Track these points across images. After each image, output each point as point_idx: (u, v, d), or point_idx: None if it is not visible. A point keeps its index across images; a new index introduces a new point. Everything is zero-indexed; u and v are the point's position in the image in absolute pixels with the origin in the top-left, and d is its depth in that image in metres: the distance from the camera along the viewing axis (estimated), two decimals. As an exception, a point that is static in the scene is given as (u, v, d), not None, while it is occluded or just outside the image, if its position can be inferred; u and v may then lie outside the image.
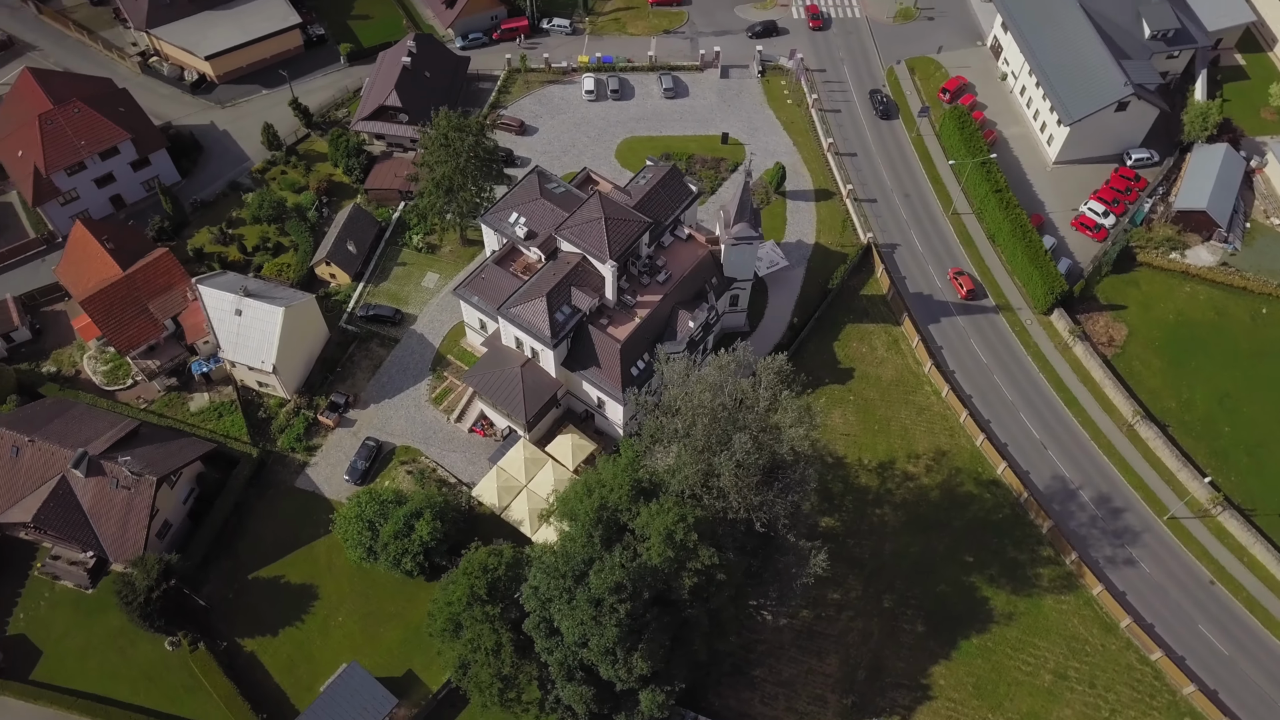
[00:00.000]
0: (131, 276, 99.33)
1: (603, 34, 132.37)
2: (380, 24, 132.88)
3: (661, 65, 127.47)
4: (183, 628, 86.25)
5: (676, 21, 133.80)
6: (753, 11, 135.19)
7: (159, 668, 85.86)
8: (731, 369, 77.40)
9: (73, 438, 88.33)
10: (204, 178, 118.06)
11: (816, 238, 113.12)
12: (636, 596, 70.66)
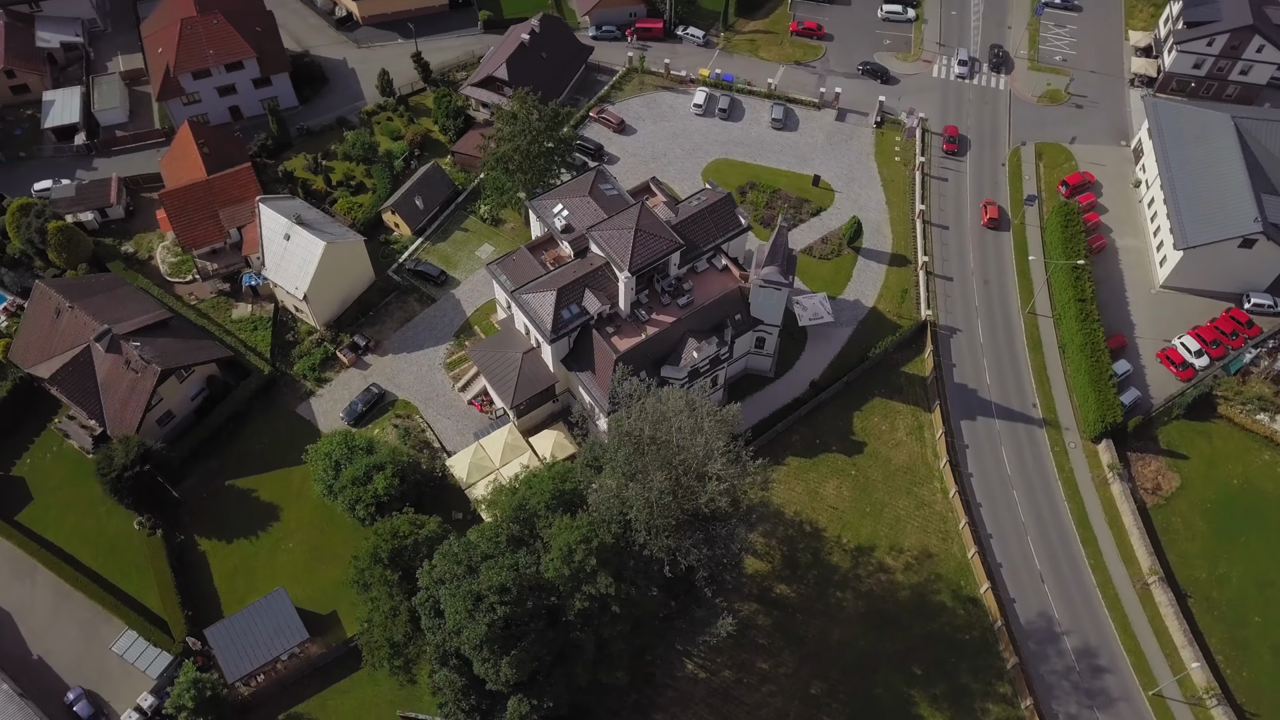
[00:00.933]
0: (211, 182, 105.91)
1: (733, 52, 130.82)
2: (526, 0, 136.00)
3: (779, 95, 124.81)
4: (153, 512, 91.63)
5: (811, 55, 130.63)
6: (893, 60, 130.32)
7: (122, 542, 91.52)
8: (681, 407, 75.13)
9: (108, 314, 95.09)
10: (320, 108, 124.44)
11: (875, 302, 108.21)
12: (519, 603, 69.96)
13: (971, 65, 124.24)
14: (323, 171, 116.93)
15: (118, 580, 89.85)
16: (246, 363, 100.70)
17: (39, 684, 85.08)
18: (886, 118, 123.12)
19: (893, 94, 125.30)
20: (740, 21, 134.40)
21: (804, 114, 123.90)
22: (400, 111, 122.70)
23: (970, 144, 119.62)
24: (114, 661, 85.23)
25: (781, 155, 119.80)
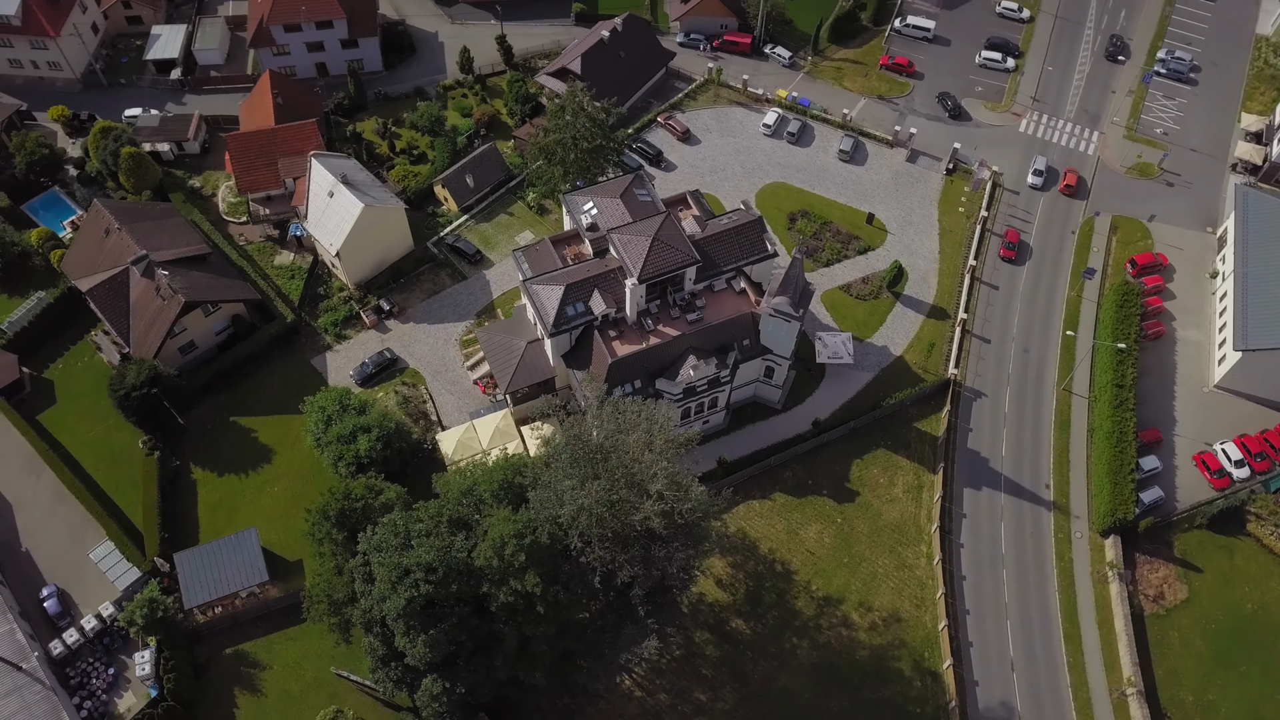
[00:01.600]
0: (275, 131, 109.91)
1: (817, 78, 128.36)
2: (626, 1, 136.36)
3: (853, 127, 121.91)
4: (156, 434, 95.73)
5: (897, 91, 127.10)
6: (982, 109, 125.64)
7: (124, 458, 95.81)
8: (638, 421, 74.09)
9: (151, 241, 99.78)
10: (402, 75, 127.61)
11: (903, 351, 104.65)
12: (444, 584, 70.38)
13: (1048, 175, 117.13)
14: (390, 137, 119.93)
15: (111, 492, 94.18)
16: (274, 308, 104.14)
17: (21, 574, 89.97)
18: (959, 165, 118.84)
19: (970, 139, 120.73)
20: (831, 48, 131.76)
21: (874, 149, 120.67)
22: (475, 90, 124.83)
23: (1031, 252, 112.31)
24: (90, 568, 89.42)
25: (842, 188, 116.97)
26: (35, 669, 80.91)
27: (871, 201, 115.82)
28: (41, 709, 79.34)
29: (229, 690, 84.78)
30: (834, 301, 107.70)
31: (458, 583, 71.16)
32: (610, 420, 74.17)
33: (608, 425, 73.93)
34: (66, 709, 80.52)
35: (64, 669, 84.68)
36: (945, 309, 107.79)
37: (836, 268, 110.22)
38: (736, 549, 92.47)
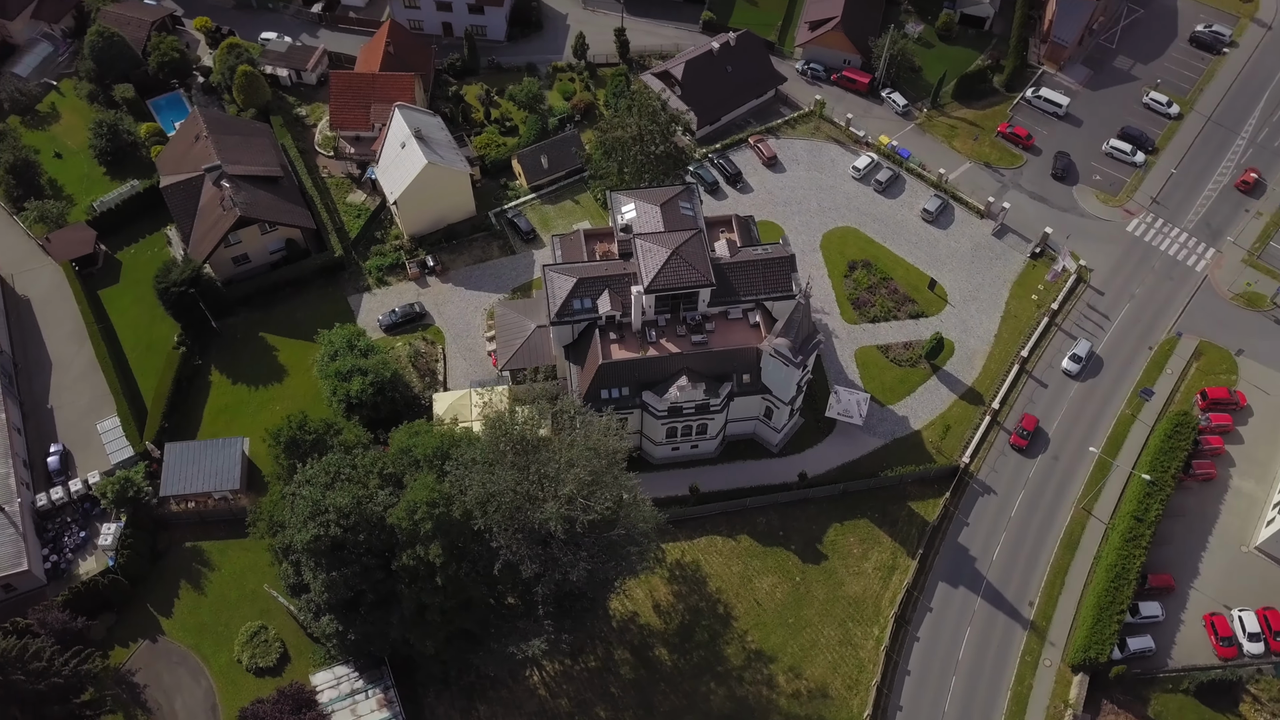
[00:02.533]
0: (375, 77, 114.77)
1: (927, 130, 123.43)
2: (758, 15, 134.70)
3: (947, 188, 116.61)
4: (189, 331, 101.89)
5: (1007, 162, 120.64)
6: (1094, 200, 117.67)
7: (158, 346, 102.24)
8: (575, 425, 73.51)
9: (232, 154, 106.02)
10: (520, 49, 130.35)
11: (922, 427, 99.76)
12: (353, 531, 72.31)
13: (1089, 359, 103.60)
14: (489, 105, 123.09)
15: (137, 375, 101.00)
16: (328, 240, 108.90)
17: (39, 428, 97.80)
18: (1047, 250, 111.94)
19: (1069, 226, 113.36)
20: (952, 105, 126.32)
21: (962, 216, 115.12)
22: (583, 76, 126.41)
23: (1048, 441, 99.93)
24: (95, 438, 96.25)
25: (914, 247, 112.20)
26: (15, 514, 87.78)
27: (942, 268, 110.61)
28: (7, 550, 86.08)
29: (176, 580, 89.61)
30: (868, 360, 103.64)
31: (367, 533, 72.94)
32: (549, 415, 74.07)
33: (539, 421, 73.84)
34: (31, 556, 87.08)
35: (45, 521, 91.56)
36: (982, 395, 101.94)
37: (882, 326, 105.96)
38: (685, 579, 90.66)
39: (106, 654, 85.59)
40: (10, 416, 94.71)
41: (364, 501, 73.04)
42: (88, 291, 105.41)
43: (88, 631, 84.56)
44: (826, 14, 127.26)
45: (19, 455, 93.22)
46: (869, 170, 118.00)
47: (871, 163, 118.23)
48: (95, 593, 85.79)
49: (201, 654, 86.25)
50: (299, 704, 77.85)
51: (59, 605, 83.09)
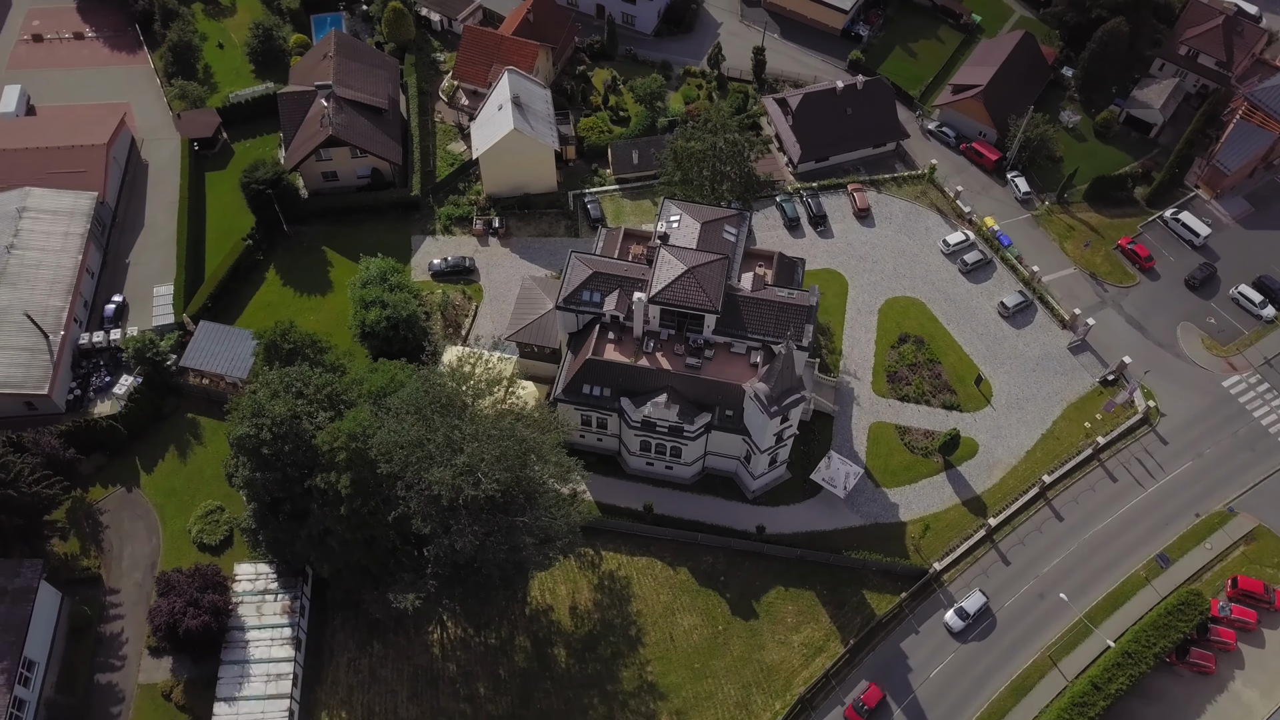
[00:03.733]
0: (504, 39, 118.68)
1: (1040, 224, 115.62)
2: (911, 67, 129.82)
3: (1037, 288, 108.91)
4: (263, 228, 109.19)
5: (1116, 278, 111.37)
6: (1198, 343, 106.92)
7: (234, 234, 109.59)
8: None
9: (347, 78, 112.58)
10: (663, 47, 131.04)
11: (911, 520, 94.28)
12: (279, 440, 76.04)
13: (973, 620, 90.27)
14: (611, 91, 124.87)
15: (209, 254, 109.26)
16: (410, 179, 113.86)
17: (112, 279, 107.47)
18: (1121, 380, 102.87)
19: (1155, 363, 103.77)
20: (1080, 205, 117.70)
21: (1041, 320, 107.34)
22: (710, 85, 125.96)
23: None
24: (150, 299, 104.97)
25: (978, 339, 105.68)
26: (56, 343, 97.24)
27: (998, 367, 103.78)
28: (36, 373, 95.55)
29: (167, 443, 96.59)
30: (881, 436, 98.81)
31: (293, 446, 76.46)
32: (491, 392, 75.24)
33: (478, 390, 74.95)
34: (57, 384, 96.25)
35: (82, 358, 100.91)
36: (987, 507, 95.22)
37: (910, 407, 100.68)
38: (611, 592, 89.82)
39: (87, 489, 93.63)
40: (88, 260, 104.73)
41: (301, 417, 76.62)
42: (195, 169, 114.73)
43: (77, 464, 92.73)
44: (974, 80, 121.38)
45: (82, 295, 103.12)
46: (960, 248, 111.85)
47: (965, 241, 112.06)
48: (95, 432, 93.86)
49: (162, 515, 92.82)
50: (208, 584, 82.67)
51: (57, 433, 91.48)
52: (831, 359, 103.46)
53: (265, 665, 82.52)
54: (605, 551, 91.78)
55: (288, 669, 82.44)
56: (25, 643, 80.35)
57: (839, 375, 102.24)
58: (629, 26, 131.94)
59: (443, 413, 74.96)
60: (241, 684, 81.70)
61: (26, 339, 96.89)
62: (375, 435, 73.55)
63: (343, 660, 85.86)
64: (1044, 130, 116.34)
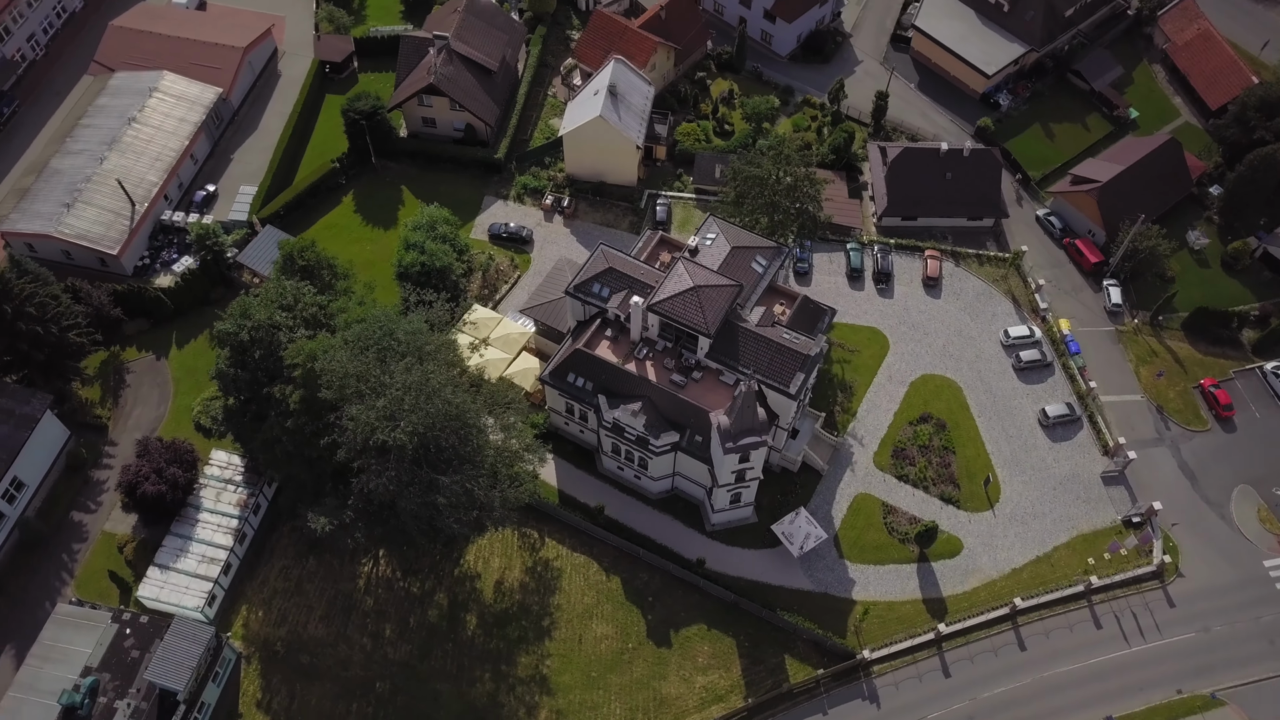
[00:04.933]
0: (627, 29, 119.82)
1: (1120, 340, 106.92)
2: (1041, 149, 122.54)
3: (1089, 405, 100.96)
4: (354, 155, 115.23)
5: (1186, 419, 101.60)
6: (1252, 513, 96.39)
7: (327, 155, 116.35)
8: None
9: (467, 35, 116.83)
10: (792, 71, 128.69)
11: (861, 599, 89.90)
12: (252, 345, 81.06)
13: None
14: (724, 103, 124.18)
15: (302, 168, 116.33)
16: (498, 143, 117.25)
17: (213, 168, 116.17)
18: (1146, 524, 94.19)
19: (1200, 517, 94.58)
20: (1174, 331, 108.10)
21: (1082, 439, 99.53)
22: (824, 119, 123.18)
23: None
24: (235, 194, 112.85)
25: (1006, 440, 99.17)
26: (140, 211, 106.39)
27: (1016, 474, 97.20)
28: (113, 234, 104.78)
29: (202, 328, 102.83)
30: (863, 508, 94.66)
31: (263, 352, 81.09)
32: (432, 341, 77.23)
33: (433, 342, 77.06)
34: (129, 248, 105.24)
35: (161, 232, 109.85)
36: (946, 612, 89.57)
37: (905, 489, 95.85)
38: (540, 579, 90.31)
39: (124, 347, 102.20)
40: (193, 147, 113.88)
41: (280, 328, 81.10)
42: (316, 89, 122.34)
43: (120, 325, 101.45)
44: (1096, 175, 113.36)
45: (179, 177, 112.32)
46: (1020, 343, 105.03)
47: (1029, 337, 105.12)
48: (143, 300, 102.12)
49: (177, 389, 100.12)
50: (177, 459, 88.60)
51: (109, 292, 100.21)
52: (843, 418, 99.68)
53: (204, 546, 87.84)
54: (549, 539, 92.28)
55: (222, 555, 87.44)
56: (15, 463, 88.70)
57: (843, 436, 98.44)
58: (765, 45, 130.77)
59: (393, 356, 77.34)
60: (178, 557, 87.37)
61: (115, 203, 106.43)
62: (319, 360, 76.73)
63: (277, 565, 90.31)
64: (1156, 244, 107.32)
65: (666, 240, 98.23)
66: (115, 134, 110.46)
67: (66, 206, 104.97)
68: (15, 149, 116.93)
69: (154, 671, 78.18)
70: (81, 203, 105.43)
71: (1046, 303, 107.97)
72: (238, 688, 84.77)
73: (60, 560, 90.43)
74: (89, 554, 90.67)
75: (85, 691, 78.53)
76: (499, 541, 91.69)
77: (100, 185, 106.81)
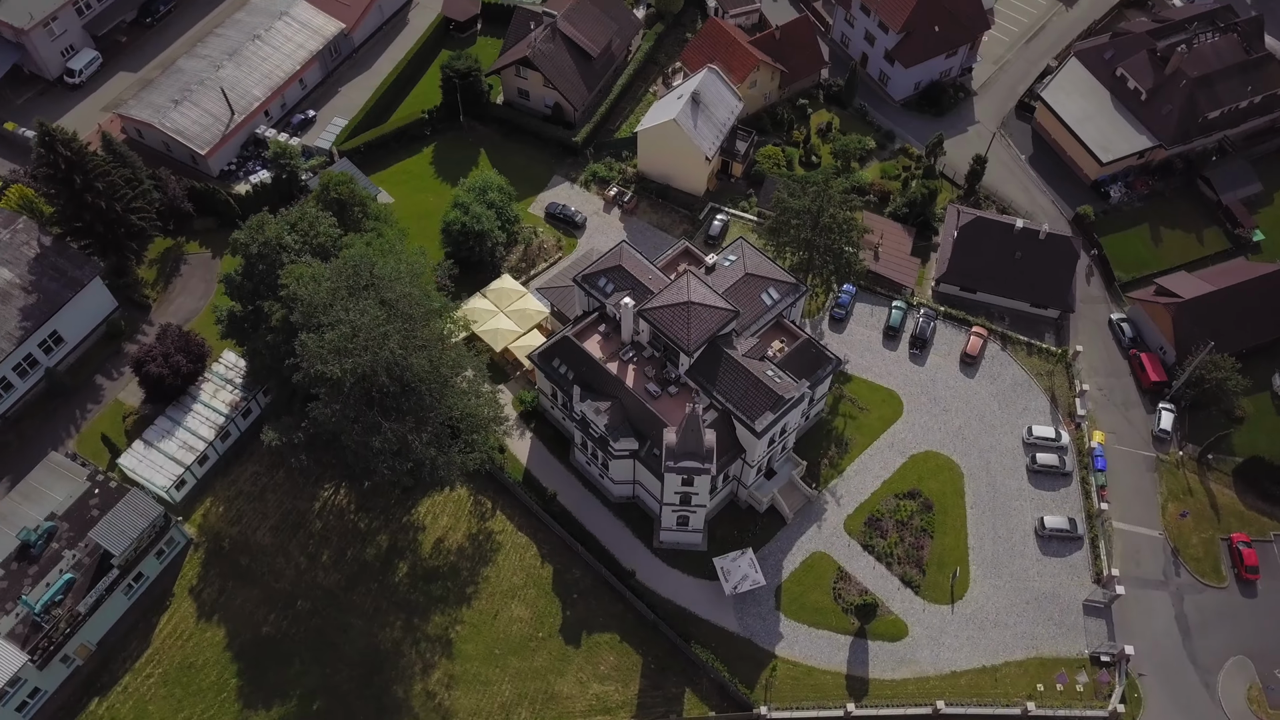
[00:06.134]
0: (733, 43, 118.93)
1: (1158, 470, 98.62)
2: (1139, 251, 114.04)
3: (1095, 528, 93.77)
4: (448, 108, 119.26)
5: (1202, 570, 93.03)
6: (1241, 694, 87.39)
7: (425, 105, 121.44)
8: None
9: (578, 20, 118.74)
10: (901, 118, 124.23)
11: (782, 655, 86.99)
12: (260, 258, 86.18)
13: None
14: (821, 139, 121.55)
15: (398, 111, 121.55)
16: (579, 128, 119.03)
17: (321, 95, 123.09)
18: (1114, 662, 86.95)
19: (1177, 678, 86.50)
20: (1222, 475, 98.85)
21: (1075, 561, 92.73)
22: (915, 172, 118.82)
23: None
24: (329, 123, 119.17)
25: (992, 539, 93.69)
26: (236, 121, 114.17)
27: (989, 576, 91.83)
28: (207, 136, 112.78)
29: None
30: (815, 567, 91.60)
31: (265, 267, 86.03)
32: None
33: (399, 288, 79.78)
34: (218, 152, 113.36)
35: (252, 144, 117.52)
36: (865, 693, 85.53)
37: (867, 560, 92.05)
38: (479, 547, 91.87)
39: (189, 239, 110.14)
40: (304, 73, 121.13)
41: (286, 249, 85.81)
42: (433, 43, 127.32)
43: (190, 220, 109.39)
44: (1182, 290, 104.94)
45: (284, 97, 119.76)
46: (1042, 444, 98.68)
47: (1054, 440, 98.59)
48: (214, 201, 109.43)
49: (219, 290, 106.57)
50: (187, 350, 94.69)
51: (186, 188, 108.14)
52: (827, 472, 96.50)
53: (188, 435, 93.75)
54: (501, 512, 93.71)
55: (200, 447, 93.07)
56: (55, 317, 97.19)
57: (822, 490, 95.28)
58: (880, 86, 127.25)
59: (359, 293, 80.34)
60: (163, 437, 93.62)
61: (217, 108, 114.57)
62: (291, 284, 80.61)
63: (250, 470, 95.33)
64: (1228, 378, 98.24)
65: (691, 253, 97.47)
66: (238, 47, 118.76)
67: (175, 103, 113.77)
68: (159, 45, 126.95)
69: (99, 532, 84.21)
70: (189, 102, 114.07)
71: (1086, 410, 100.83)
72: (179, 570, 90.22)
73: (73, 414, 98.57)
74: (98, 415, 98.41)
75: (42, 534, 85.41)
76: (453, 502, 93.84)
77: (209, 90, 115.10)
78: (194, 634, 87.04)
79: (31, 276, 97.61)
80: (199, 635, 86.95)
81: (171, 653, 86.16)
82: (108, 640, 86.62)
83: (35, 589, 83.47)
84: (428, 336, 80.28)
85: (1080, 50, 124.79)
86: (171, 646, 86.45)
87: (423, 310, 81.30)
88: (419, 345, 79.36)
